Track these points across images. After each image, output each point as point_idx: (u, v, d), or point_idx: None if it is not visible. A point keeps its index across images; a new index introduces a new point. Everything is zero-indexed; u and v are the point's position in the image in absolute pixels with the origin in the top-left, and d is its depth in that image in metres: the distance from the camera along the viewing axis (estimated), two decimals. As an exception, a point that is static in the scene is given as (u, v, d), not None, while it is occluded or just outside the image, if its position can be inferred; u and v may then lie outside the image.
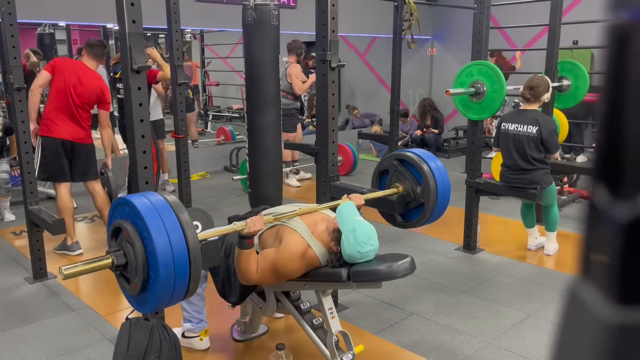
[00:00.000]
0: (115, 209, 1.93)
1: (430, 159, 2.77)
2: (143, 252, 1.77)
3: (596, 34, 3.45)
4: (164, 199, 1.84)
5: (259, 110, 2.92)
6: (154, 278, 1.76)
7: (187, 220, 1.81)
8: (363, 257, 2.16)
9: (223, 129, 8.26)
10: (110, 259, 1.85)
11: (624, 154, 0.31)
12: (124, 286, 1.91)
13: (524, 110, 3.79)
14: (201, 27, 8.09)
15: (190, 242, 1.78)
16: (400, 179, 2.82)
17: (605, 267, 0.32)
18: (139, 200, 1.81)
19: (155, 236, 1.73)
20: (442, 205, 2.75)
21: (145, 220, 1.75)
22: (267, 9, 2.82)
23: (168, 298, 1.82)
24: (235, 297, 2.43)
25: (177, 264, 1.76)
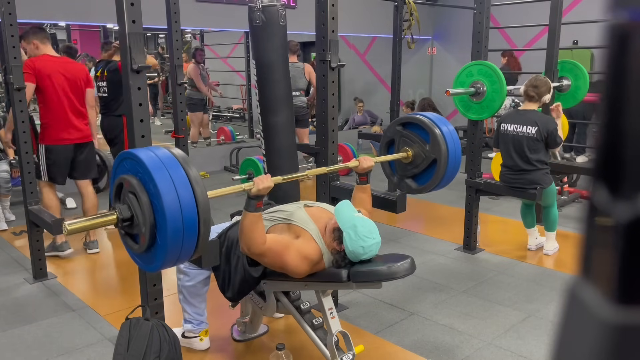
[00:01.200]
0: (120, 163, 1.84)
1: (433, 116, 2.78)
2: (149, 206, 1.69)
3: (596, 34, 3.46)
4: (171, 153, 1.77)
5: (272, 110, 2.92)
6: (161, 235, 1.69)
7: (195, 175, 1.74)
8: (367, 252, 2.15)
9: (223, 129, 8.26)
10: (115, 215, 1.79)
11: (624, 154, 0.31)
12: (130, 245, 1.84)
13: (524, 111, 3.79)
14: (201, 27, 8.09)
15: (199, 198, 1.71)
16: (407, 143, 2.81)
17: (605, 267, 0.32)
18: (145, 154, 1.73)
19: (163, 192, 1.65)
20: (454, 160, 2.71)
21: (152, 174, 1.68)
22: (274, 10, 2.82)
23: (176, 256, 1.75)
24: (233, 293, 2.42)
25: (186, 220, 1.68)
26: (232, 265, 2.38)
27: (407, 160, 2.83)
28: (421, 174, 2.81)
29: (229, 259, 2.39)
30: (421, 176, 2.82)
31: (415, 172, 2.82)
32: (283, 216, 2.32)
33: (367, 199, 2.56)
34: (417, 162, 2.79)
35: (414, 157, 2.79)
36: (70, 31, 9.64)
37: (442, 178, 2.72)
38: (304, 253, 2.18)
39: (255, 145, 7.13)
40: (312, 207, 2.42)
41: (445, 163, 2.69)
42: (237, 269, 2.37)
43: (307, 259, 2.18)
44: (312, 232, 2.23)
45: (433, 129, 2.71)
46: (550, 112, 4.01)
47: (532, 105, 3.77)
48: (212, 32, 9.23)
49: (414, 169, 2.82)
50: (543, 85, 3.74)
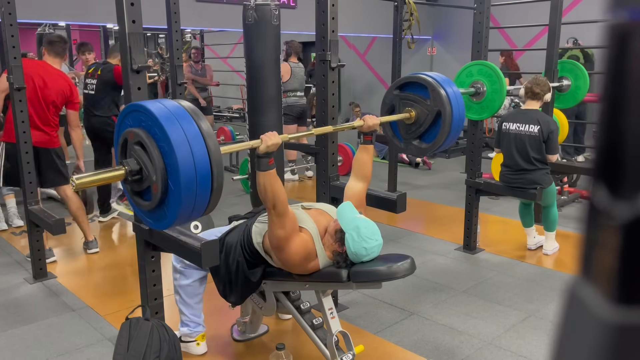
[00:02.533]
0: (126, 116, 1.79)
1: (428, 73, 2.75)
2: (161, 158, 1.65)
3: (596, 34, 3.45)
4: (181, 106, 1.72)
5: (260, 110, 2.92)
6: (174, 190, 1.64)
7: (208, 128, 1.70)
8: (369, 254, 2.16)
9: (223, 129, 8.26)
10: (123, 169, 1.74)
11: (624, 154, 0.31)
12: (140, 204, 1.80)
13: (526, 110, 3.79)
14: (201, 27, 8.09)
15: (212, 152, 1.67)
16: (408, 104, 2.78)
17: (605, 267, 0.32)
18: (155, 106, 1.68)
19: (175, 143, 1.60)
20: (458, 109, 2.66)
21: (164, 127, 1.62)
22: (268, 9, 2.82)
23: (188, 213, 1.70)
24: (236, 297, 2.43)
25: (199, 172, 1.64)
26: (232, 270, 2.38)
27: (411, 121, 2.77)
28: (427, 132, 2.75)
29: (228, 264, 2.39)
30: (427, 134, 2.76)
31: (421, 131, 2.76)
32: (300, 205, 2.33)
33: (368, 161, 2.57)
34: (420, 120, 2.73)
35: (417, 117, 2.74)
36: (70, 31, 9.64)
37: (449, 131, 2.66)
38: (304, 246, 2.19)
39: (255, 145, 7.12)
40: (310, 209, 2.42)
41: (450, 113, 2.63)
42: (237, 273, 2.37)
43: (305, 252, 2.19)
44: (312, 231, 2.24)
45: (430, 81, 2.67)
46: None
47: (534, 104, 3.77)
48: (212, 32, 9.23)
49: (419, 128, 2.76)
50: (544, 84, 3.77)
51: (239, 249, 2.36)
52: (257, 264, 2.36)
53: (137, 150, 1.72)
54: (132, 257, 2.70)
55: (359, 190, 2.52)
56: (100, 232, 4.70)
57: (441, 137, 2.69)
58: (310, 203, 2.53)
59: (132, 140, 1.73)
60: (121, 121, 1.83)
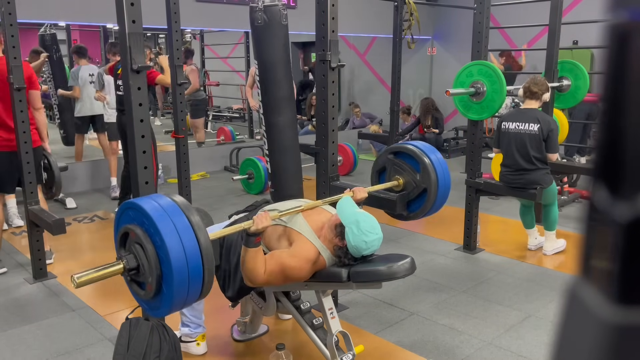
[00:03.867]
0: (123, 213, 1.90)
1: (422, 146, 2.88)
2: (155, 255, 1.74)
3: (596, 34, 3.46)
4: (172, 201, 1.82)
5: (276, 110, 2.92)
6: (167, 282, 1.74)
7: (197, 221, 1.78)
8: (369, 247, 2.16)
9: (223, 129, 8.26)
10: (122, 264, 1.83)
11: (624, 154, 0.31)
12: (137, 292, 1.89)
13: (525, 110, 3.79)
14: (201, 27, 8.09)
15: (202, 244, 1.76)
16: (399, 172, 2.88)
17: (605, 267, 0.32)
18: (148, 204, 1.78)
19: (167, 240, 1.69)
20: (444, 188, 2.79)
21: (156, 224, 1.71)
22: (276, 10, 2.82)
23: (182, 303, 1.80)
24: (233, 292, 2.43)
25: (191, 267, 1.73)
26: (232, 264, 2.38)
27: (399, 189, 2.88)
28: (412, 201, 2.87)
29: (228, 258, 2.39)
30: (412, 204, 2.88)
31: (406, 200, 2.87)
32: (278, 212, 2.32)
33: None
34: (407, 189, 2.85)
35: (404, 185, 2.87)
36: (70, 31, 9.64)
37: (432, 206, 2.80)
38: (302, 256, 2.18)
39: (255, 145, 7.13)
40: (309, 209, 2.42)
41: (435, 192, 2.77)
42: (237, 268, 2.37)
43: (306, 260, 2.18)
44: (306, 233, 2.24)
45: (422, 158, 2.79)
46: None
47: (534, 103, 3.77)
48: (212, 32, 9.23)
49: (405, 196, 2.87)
50: (542, 84, 3.77)
51: (240, 243, 2.36)
52: None
53: (137, 249, 1.81)
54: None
55: None
56: (100, 232, 4.71)
57: (424, 210, 2.84)
58: (308, 201, 2.53)
59: (133, 239, 1.81)
60: (120, 216, 1.91)
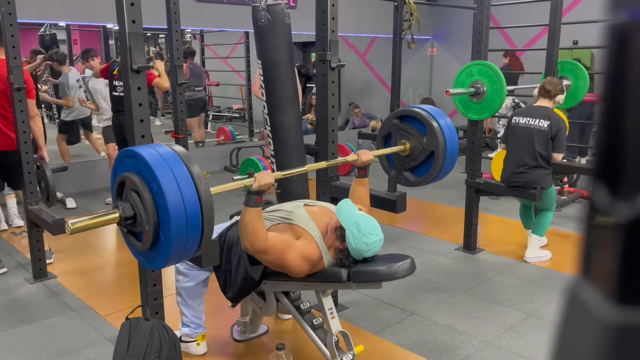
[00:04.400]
0: (121, 161, 1.83)
1: (430, 109, 2.81)
2: (152, 202, 1.69)
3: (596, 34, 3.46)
4: (172, 150, 1.76)
5: (280, 110, 2.91)
6: (165, 233, 1.68)
7: (198, 172, 1.73)
8: (370, 249, 2.15)
9: (223, 129, 8.26)
10: (118, 213, 1.78)
11: (624, 154, 0.31)
12: (133, 244, 1.84)
13: (537, 107, 3.80)
14: (201, 27, 8.09)
15: (202, 195, 1.70)
16: (405, 136, 2.83)
17: (605, 267, 0.32)
18: (147, 152, 1.72)
19: (166, 190, 1.64)
20: (452, 152, 2.72)
21: (155, 172, 1.66)
22: (279, 9, 2.81)
23: (179, 254, 1.75)
24: (233, 293, 2.42)
25: (190, 218, 1.67)
26: (232, 265, 2.38)
27: (405, 153, 2.83)
28: (419, 166, 2.82)
29: (229, 258, 2.39)
30: (419, 168, 2.83)
31: (413, 165, 2.83)
32: (283, 215, 2.32)
33: (365, 194, 2.58)
34: (414, 154, 2.80)
35: (411, 150, 2.81)
36: (70, 31, 9.64)
37: (439, 170, 2.73)
38: (305, 254, 2.17)
39: (255, 145, 7.13)
40: (313, 206, 2.42)
41: (443, 155, 2.70)
42: (238, 268, 2.37)
43: (308, 259, 2.18)
44: (313, 232, 2.23)
45: (430, 121, 2.72)
46: None
47: (547, 102, 3.79)
48: (212, 32, 9.23)
49: (411, 161, 2.82)
50: (558, 84, 3.80)
51: (240, 243, 2.35)
52: (258, 260, 2.36)
53: (133, 197, 1.75)
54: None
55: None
56: (100, 232, 4.70)
57: (431, 174, 2.78)
58: (313, 201, 2.52)
59: (130, 187, 1.76)
60: (117, 165, 1.86)
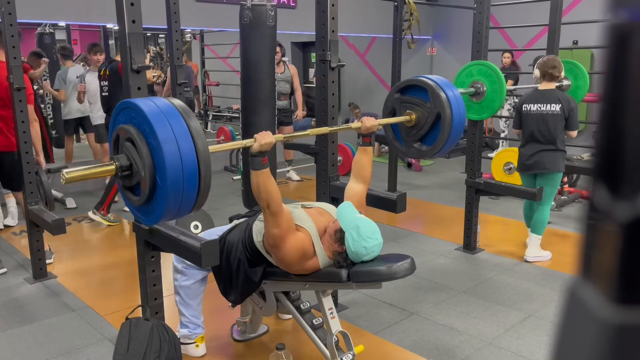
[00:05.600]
0: (119, 113, 1.83)
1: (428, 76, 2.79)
2: (149, 155, 1.69)
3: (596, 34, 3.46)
4: (171, 104, 1.76)
5: (254, 110, 2.93)
6: (161, 186, 1.68)
7: (196, 127, 1.73)
8: (369, 253, 2.16)
9: (223, 129, 8.26)
10: (114, 164, 1.78)
11: (624, 154, 0.31)
12: (130, 198, 1.84)
13: (543, 91, 3.79)
14: (201, 27, 8.09)
15: (200, 151, 1.71)
16: (409, 107, 2.80)
17: (605, 267, 0.32)
18: (145, 104, 1.72)
19: (162, 140, 1.64)
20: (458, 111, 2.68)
21: (152, 124, 1.66)
22: (263, 10, 2.81)
23: (175, 209, 1.75)
24: (236, 296, 2.43)
25: (186, 170, 1.68)
26: (233, 268, 2.38)
27: (411, 124, 2.79)
28: (427, 134, 2.77)
29: (229, 262, 2.39)
30: (428, 137, 2.78)
31: (422, 134, 2.78)
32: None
33: (368, 163, 2.58)
34: (421, 122, 2.75)
35: (417, 119, 2.76)
36: (70, 31, 9.64)
37: (449, 133, 2.68)
38: (300, 245, 2.19)
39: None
40: (310, 208, 2.42)
41: (450, 115, 2.65)
42: (238, 271, 2.37)
43: (301, 251, 2.19)
44: (310, 230, 2.24)
45: (430, 84, 2.70)
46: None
47: (551, 84, 3.79)
48: (212, 32, 9.23)
49: (419, 131, 2.78)
50: (559, 64, 3.80)
51: (240, 247, 2.36)
52: (258, 263, 2.36)
53: (127, 147, 1.76)
54: (132, 257, 2.70)
55: (359, 191, 2.53)
56: (100, 232, 4.71)
57: (441, 139, 2.70)
58: (310, 202, 2.53)
59: (123, 137, 1.77)
60: (114, 118, 1.86)
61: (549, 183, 3.81)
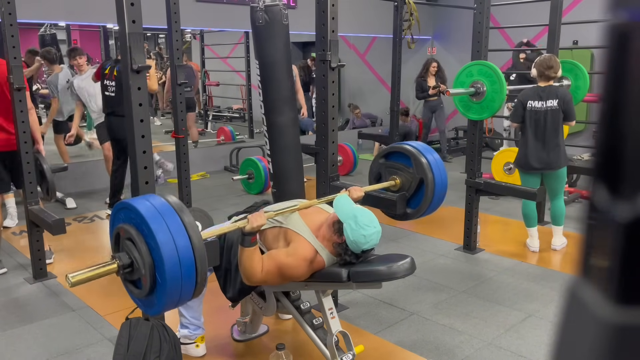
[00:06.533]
0: (118, 212, 1.93)
1: (409, 142, 2.95)
2: (149, 254, 1.79)
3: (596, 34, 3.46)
4: (166, 202, 1.86)
5: (277, 110, 2.91)
6: (161, 281, 1.77)
7: (191, 222, 1.83)
8: (368, 242, 2.16)
9: (223, 129, 8.26)
10: (116, 263, 1.86)
11: (624, 154, 0.31)
12: (132, 290, 1.92)
13: (544, 87, 3.81)
14: (201, 27, 8.10)
15: (195, 244, 1.81)
16: (394, 172, 2.91)
17: (605, 267, 0.32)
18: (143, 206, 1.82)
19: (161, 241, 1.74)
20: (440, 174, 2.80)
21: (149, 224, 1.76)
22: (277, 9, 2.81)
23: (175, 302, 1.85)
24: (233, 293, 2.43)
25: (184, 267, 1.78)
26: (232, 265, 2.38)
27: (396, 188, 2.90)
28: (412, 198, 2.87)
29: (229, 259, 2.39)
30: (413, 200, 2.88)
31: (407, 197, 2.88)
32: (278, 219, 2.32)
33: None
34: (405, 187, 2.87)
35: (402, 184, 2.88)
36: (70, 31, 9.65)
37: (432, 196, 2.80)
38: (298, 254, 2.19)
39: (255, 145, 7.13)
40: (306, 209, 2.42)
41: (432, 179, 2.78)
42: (237, 268, 2.37)
43: (303, 259, 2.18)
44: (305, 233, 2.24)
45: (412, 151, 2.82)
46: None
47: (551, 82, 3.83)
48: (212, 32, 9.23)
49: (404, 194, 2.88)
50: (556, 63, 3.82)
51: None
52: None
53: (128, 245, 1.85)
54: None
55: None
56: (100, 232, 4.71)
57: (425, 202, 2.82)
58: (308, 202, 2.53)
59: (124, 236, 1.86)
60: (114, 216, 1.95)
61: (559, 178, 3.89)
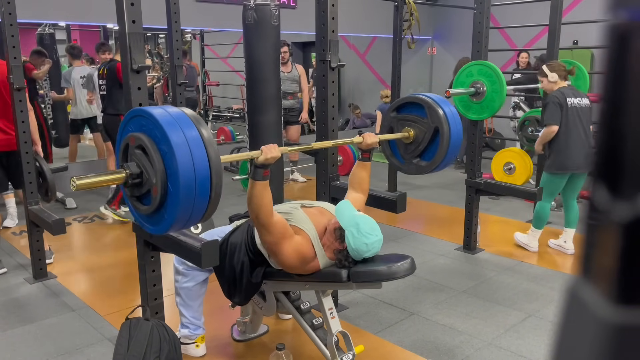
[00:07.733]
0: (129, 122, 1.81)
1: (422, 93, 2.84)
2: (161, 161, 1.67)
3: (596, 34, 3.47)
4: (183, 112, 1.75)
5: (260, 110, 2.93)
6: (173, 190, 1.66)
7: (209, 135, 1.72)
8: (370, 250, 2.16)
9: (223, 129, 8.26)
10: (124, 172, 1.76)
11: (624, 154, 0.31)
12: (138, 207, 1.82)
13: (571, 86, 3.88)
14: (201, 27, 8.10)
15: (212, 158, 1.69)
16: (406, 124, 2.82)
17: (605, 267, 0.32)
18: (157, 111, 1.71)
19: (175, 144, 1.62)
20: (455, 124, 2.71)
21: (165, 130, 1.64)
22: (267, 9, 2.82)
23: (186, 218, 1.72)
24: (240, 298, 2.43)
25: (198, 176, 1.66)
26: (236, 271, 2.37)
27: (409, 140, 2.81)
28: (426, 150, 2.79)
29: (233, 265, 2.38)
30: (426, 152, 2.80)
31: (420, 150, 2.79)
32: (283, 212, 2.32)
33: (366, 178, 2.58)
34: (419, 138, 2.78)
35: (415, 135, 2.79)
36: (70, 31, 9.64)
37: (447, 147, 2.69)
38: (299, 249, 2.19)
39: (255, 145, 7.12)
40: (310, 207, 2.42)
41: (448, 130, 2.68)
42: (242, 273, 2.36)
43: (300, 255, 2.19)
44: (310, 232, 2.23)
45: (426, 100, 2.73)
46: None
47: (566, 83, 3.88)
48: (212, 32, 9.23)
49: (418, 146, 2.80)
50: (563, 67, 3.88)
51: (243, 249, 2.36)
52: (261, 264, 2.36)
53: (137, 154, 1.74)
54: (132, 257, 2.70)
55: (358, 198, 2.54)
56: (100, 232, 4.70)
57: (440, 154, 2.73)
58: (311, 202, 2.52)
59: (134, 145, 1.75)
60: (124, 127, 1.84)
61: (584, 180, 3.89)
